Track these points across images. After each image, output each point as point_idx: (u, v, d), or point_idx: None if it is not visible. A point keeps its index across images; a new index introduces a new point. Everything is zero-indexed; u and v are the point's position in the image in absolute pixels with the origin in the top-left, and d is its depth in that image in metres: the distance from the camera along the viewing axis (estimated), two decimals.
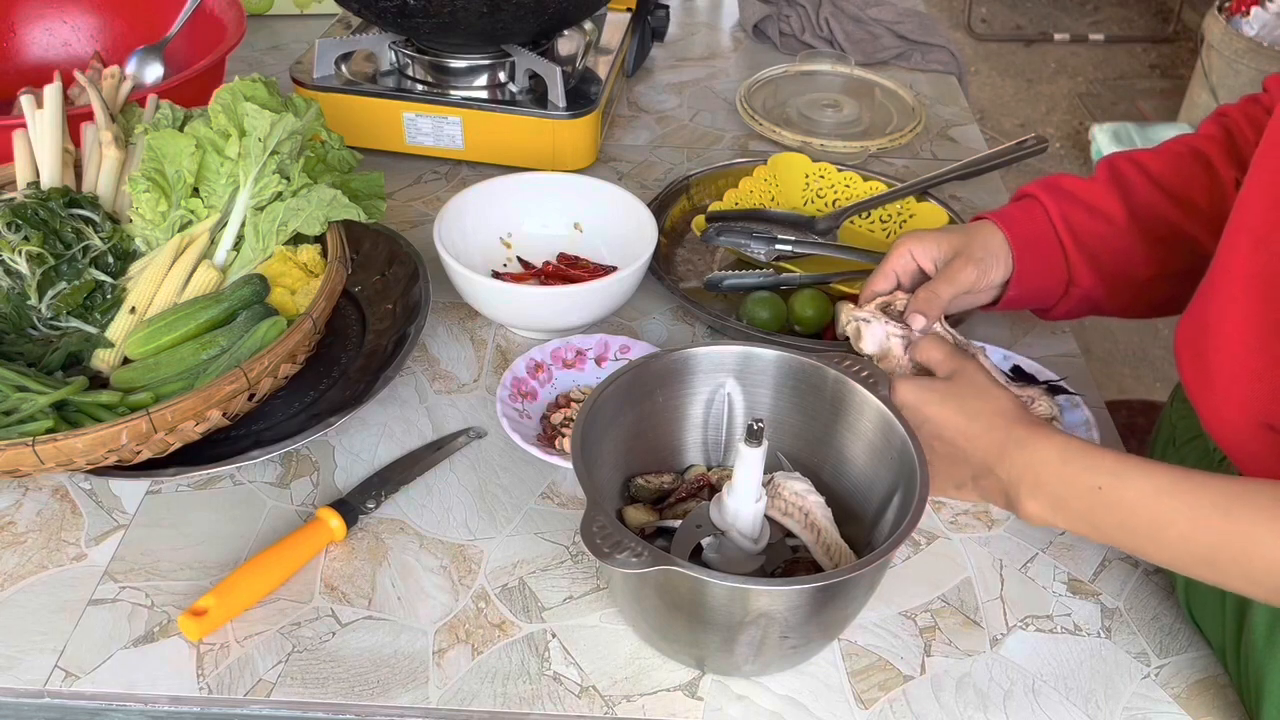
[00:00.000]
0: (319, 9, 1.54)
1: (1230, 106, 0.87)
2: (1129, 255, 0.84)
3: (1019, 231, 0.84)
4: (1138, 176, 0.85)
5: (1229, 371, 0.69)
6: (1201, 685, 0.72)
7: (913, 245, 0.84)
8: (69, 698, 0.68)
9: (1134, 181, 0.85)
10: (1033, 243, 0.84)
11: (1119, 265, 0.84)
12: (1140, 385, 2.41)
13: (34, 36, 1.26)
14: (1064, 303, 0.87)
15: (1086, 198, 0.85)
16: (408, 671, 0.70)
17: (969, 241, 0.83)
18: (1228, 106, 0.87)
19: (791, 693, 0.70)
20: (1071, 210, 0.84)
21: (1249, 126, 0.84)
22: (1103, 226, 0.84)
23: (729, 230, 1.02)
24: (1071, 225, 0.84)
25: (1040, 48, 3.90)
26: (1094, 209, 0.84)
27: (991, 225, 0.85)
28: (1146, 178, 0.85)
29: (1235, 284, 0.69)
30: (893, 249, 0.84)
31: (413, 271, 0.96)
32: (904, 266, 0.84)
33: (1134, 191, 0.84)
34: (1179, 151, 0.85)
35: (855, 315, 0.81)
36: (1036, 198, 0.86)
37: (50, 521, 0.79)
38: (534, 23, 1.11)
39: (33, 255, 0.83)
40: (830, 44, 1.48)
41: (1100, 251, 0.84)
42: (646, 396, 0.76)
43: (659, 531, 0.75)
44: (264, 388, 0.78)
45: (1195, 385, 0.74)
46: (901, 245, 0.84)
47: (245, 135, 0.84)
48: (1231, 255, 0.70)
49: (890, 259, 0.84)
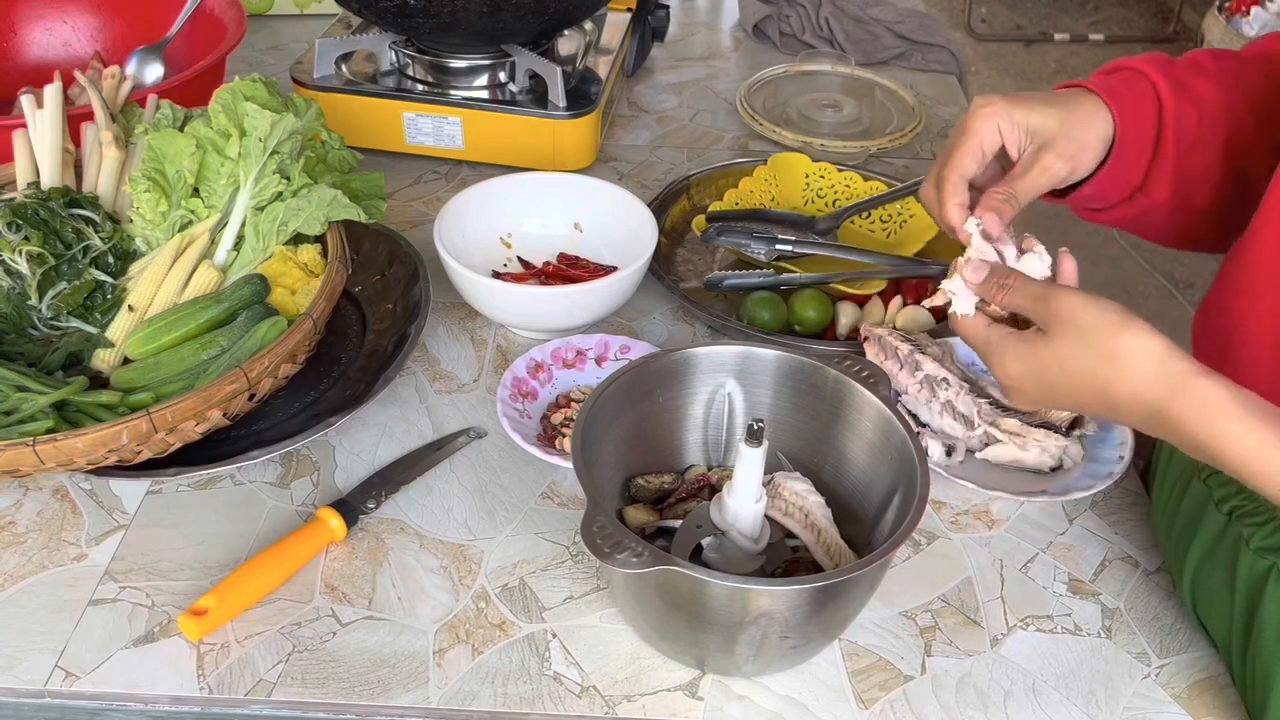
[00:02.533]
0: (319, 9, 1.54)
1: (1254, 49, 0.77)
2: (1209, 177, 0.73)
3: (1128, 121, 0.70)
4: (1235, 84, 0.73)
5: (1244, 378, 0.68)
6: (1202, 685, 0.72)
7: (1002, 120, 0.69)
8: (69, 698, 0.68)
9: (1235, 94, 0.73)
10: (1135, 137, 0.71)
11: (1196, 184, 0.73)
12: None
13: (34, 36, 1.26)
14: (1120, 209, 0.76)
15: (1202, 95, 0.72)
16: (408, 671, 0.70)
17: (1067, 125, 0.69)
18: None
19: (791, 693, 0.70)
20: (1186, 109, 0.71)
21: None
22: (1205, 136, 0.72)
23: (729, 230, 1.02)
24: (1181, 128, 0.71)
25: (1040, 48, 3.90)
26: (1204, 113, 0.71)
27: (1098, 105, 0.71)
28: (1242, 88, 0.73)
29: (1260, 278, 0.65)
30: (976, 116, 0.69)
31: (413, 271, 0.96)
32: (991, 143, 0.70)
33: (1234, 104, 0.72)
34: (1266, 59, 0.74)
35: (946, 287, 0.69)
36: (1152, 81, 0.72)
37: (50, 521, 0.79)
38: (534, 23, 1.11)
39: (33, 255, 0.83)
40: (830, 44, 1.48)
41: (1190, 163, 0.72)
42: (646, 396, 0.76)
43: (659, 531, 0.75)
44: (264, 388, 0.78)
45: None
46: (988, 115, 0.69)
47: (245, 135, 0.84)
48: (1260, 246, 0.66)
49: (974, 132, 0.69)
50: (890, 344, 0.88)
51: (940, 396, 0.85)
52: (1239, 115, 0.72)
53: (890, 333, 0.90)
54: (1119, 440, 0.84)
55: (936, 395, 0.85)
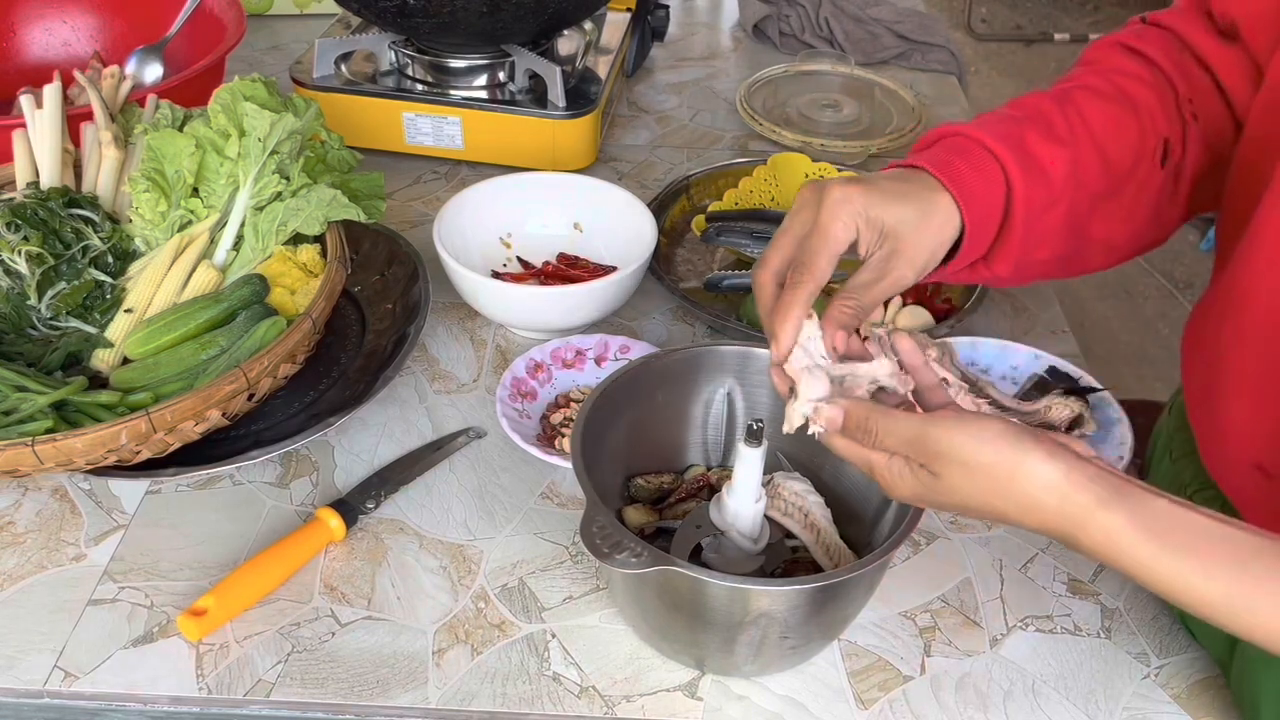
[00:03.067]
0: (319, 9, 1.54)
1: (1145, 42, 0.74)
2: (1049, 236, 0.70)
3: (976, 215, 0.66)
4: (1086, 139, 0.69)
5: (1231, 399, 0.67)
6: (1201, 685, 0.72)
7: (860, 219, 0.63)
8: (68, 698, 0.68)
9: (1085, 147, 0.69)
10: (981, 226, 0.67)
11: (1035, 246, 0.70)
12: (1141, 385, 2.41)
13: (34, 36, 1.26)
14: (958, 276, 0.72)
15: (1050, 170, 0.68)
16: (407, 671, 0.70)
17: (920, 232, 0.64)
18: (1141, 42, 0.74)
19: (791, 693, 0.70)
20: (1036, 190, 0.68)
21: (1179, 77, 0.72)
22: (1049, 205, 0.69)
23: (729, 230, 1.02)
24: (1029, 211, 0.68)
25: (1040, 48, 3.90)
26: (1050, 185, 0.68)
27: (949, 201, 0.65)
28: (1092, 141, 0.69)
29: (1247, 308, 0.64)
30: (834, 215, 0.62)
31: (412, 271, 0.96)
32: (847, 244, 0.63)
33: (1082, 161, 0.69)
34: (1115, 99, 0.71)
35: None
36: (1002, 164, 0.67)
37: (50, 521, 0.79)
38: (534, 23, 1.11)
39: (32, 255, 0.83)
40: (830, 44, 1.48)
41: (1031, 234, 0.69)
42: (646, 396, 0.76)
43: (659, 532, 0.75)
44: (263, 388, 0.78)
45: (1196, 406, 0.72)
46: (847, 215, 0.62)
47: (245, 135, 0.84)
48: (1250, 280, 0.64)
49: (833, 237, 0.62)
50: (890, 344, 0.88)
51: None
52: (1087, 168, 0.69)
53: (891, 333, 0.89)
54: (1119, 440, 0.84)
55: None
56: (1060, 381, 0.89)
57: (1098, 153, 0.70)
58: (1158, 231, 0.75)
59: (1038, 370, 0.90)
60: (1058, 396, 0.83)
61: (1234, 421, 0.66)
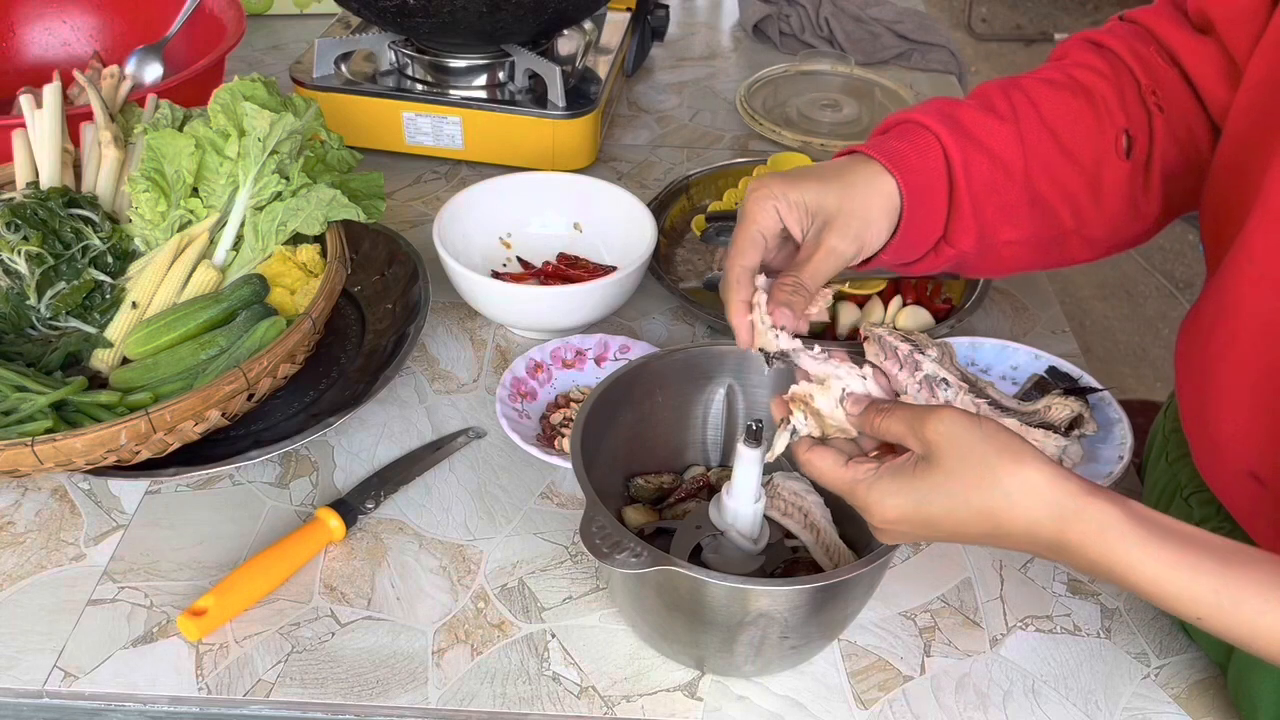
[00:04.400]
0: (319, 9, 1.54)
1: (1109, 36, 0.74)
2: (1012, 213, 0.70)
3: (913, 181, 0.66)
4: (1032, 116, 0.70)
5: (1224, 408, 0.67)
6: (1201, 685, 0.71)
7: (778, 201, 0.65)
8: (68, 698, 0.68)
9: (1030, 123, 0.70)
10: (925, 195, 0.67)
11: (998, 224, 0.70)
12: (1140, 384, 2.41)
13: (34, 36, 1.26)
14: (926, 261, 0.72)
15: (989, 141, 0.69)
16: (407, 672, 0.70)
17: (847, 201, 0.65)
18: (1106, 35, 0.74)
19: (791, 693, 0.70)
20: (975, 157, 0.68)
21: (1140, 68, 0.72)
22: (1000, 178, 0.69)
23: (729, 230, 1.02)
24: (971, 177, 0.68)
25: (1040, 47, 3.90)
26: (995, 157, 0.69)
27: (879, 170, 0.66)
28: (1040, 119, 0.70)
29: (1238, 319, 0.64)
30: (750, 200, 0.65)
31: (412, 271, 0.96)
32: (771, 228, 0.65)
33: (1029, 136, 0.70)
34: (1067, 86, 0.72)
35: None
36: (934, 133, 0.68)
37: (49, 522, 0.79)
38: (534, 22, 1.11)
39: (32, 255, 0.83)
40: (830, 44, 1.48)
41: (987, 208, 0.69)
42: (646, 396, 0.76)
43: (659, 532, 0.75)
44: (263, 388, 0.78)
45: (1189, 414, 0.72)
46: (762, 198, 0.65)
47: (244, 135, 0.84)
48: (1240, 289, 0.64)
49: (750, 218, 0.65)
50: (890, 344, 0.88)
51: (940, 397, 0.85)
52: (1037, 144, 0.70)
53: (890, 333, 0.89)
54: (1119, 440, 0.84)
55: (936, 395, 0.85)
56: (1060, 381, 0.89)
57: (1049, 134, 0.70)
58: (1136, 225, 0.74)
59: (1038, 370, 0.90)
60: (1058, 396, 0.83)
61: (1227, 430, 0.66)
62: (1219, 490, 0.70)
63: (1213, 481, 0.71)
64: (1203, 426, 0.70)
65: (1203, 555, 0.50)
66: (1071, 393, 0.86)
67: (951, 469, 0.55)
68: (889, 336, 0.89)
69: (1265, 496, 0.65)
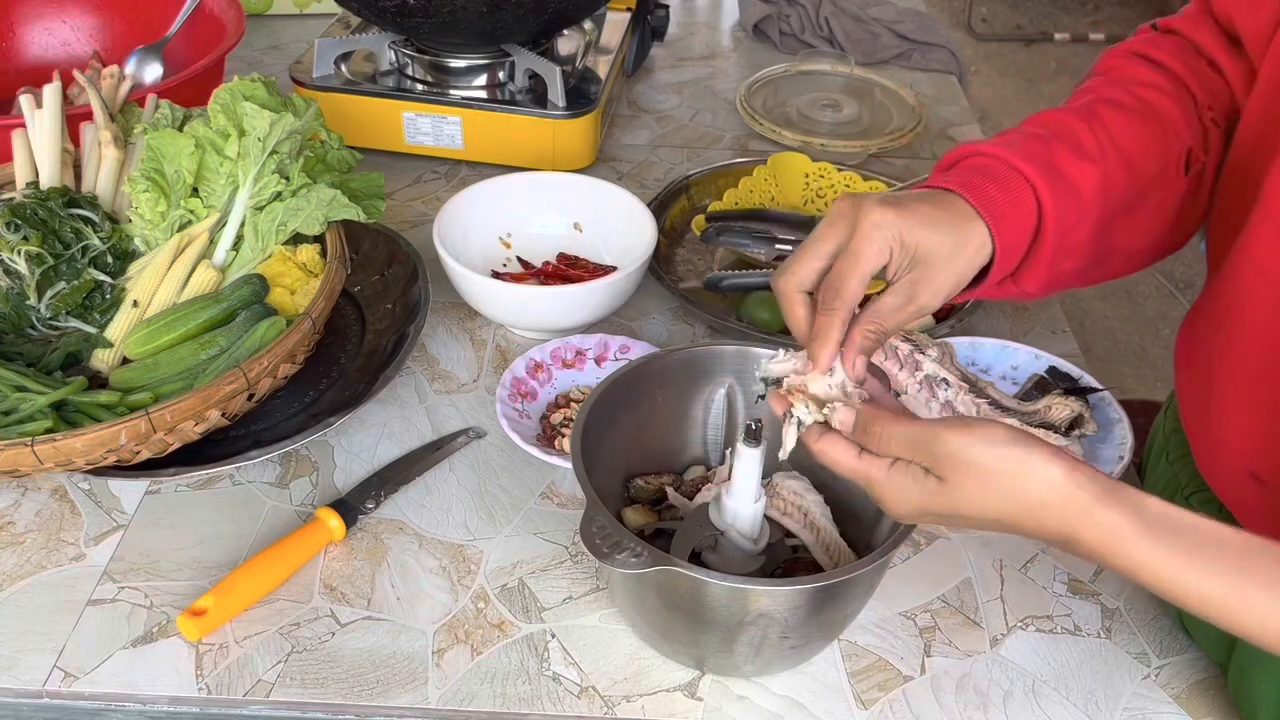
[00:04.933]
0: (319, 9, 1.54)
1: (1158, 50, 0.73)
2: (1077, 251, 0.69)
3: (1007, 239, 0.65)
4: (1113, 153, 0.69)
5: (1225, 408, 0.67)
6: (1201, 685, 0.71)
7: (894, 243, 0.61)
8: (68, 698, 0.68)
9: (1112, 160, 0.68)
10: (1013, 250, 0.66)
11: (1065, 262, 0.69)
12: (1141, 384, 2.41)
13: (34, 36, 1.26)
14: (987, 293, 0.70)
15: (1082, 188, 0.67)
16: (407, 672, 0.70)
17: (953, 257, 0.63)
18: (1154, 50, 0.74)
19: (791, 693, 0.70)
20: (1067, 207, 0.67)
21: (1196, 84, 0.72)
22: (1079, 220, 0.68)
23: (729, 230, 1.02)
24: (1061, 231, 0.67)
25: (1041, 47, 3.90)
26: (1082, 200, 0.67)
27: (975, 221, 0.64)
28: (1119, 154, 0.69)
29: (1239, 319, 0.64)
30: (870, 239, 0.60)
31: (412, 271, 0.96)
32: (881, 263, 0.62)
33: (1111, 175, 0.68)
34: (1137, 110, 0.71)
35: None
36: (1031, 184, 0.66)
37: (49, 522, 0.79)
38: (534, 22, 1.11)
39: (32, 255, 0.83)
40: (830, 43, 1.48)
41: (1060, 253, 0.68)
42: (646, 396, 0.76)
43: (659, 532, 0.75)
44: (263, 388, 0.78)
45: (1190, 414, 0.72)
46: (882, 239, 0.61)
47: (244, 135, 0.84)
48: (1240, 289, 0.63)
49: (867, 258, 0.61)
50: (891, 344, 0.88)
51: (940, 397, 0.85)
52: (1116, 182, 0.69)
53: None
54: (1119, 440, 0.84)
55: (936, 395, 0.85)
56: (1060, 381, 0.89)
57: (1125, 167, 0.69)
58: (1177, 237, 0.74)
59: (1038, 370, 0.90)
60: (1058, 396, 0.83)
61: (1228, 430, 0.66)
62: (1220, 490, 0.70)
63: (1213, 481, 0.71)
64: (1203, 426, 0.70)
65: (1215, 557, 0.50)
66: (1071, 393, 0.86)
67: (966, 491, 0.55)
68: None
69: (1266, 496, 0.65)
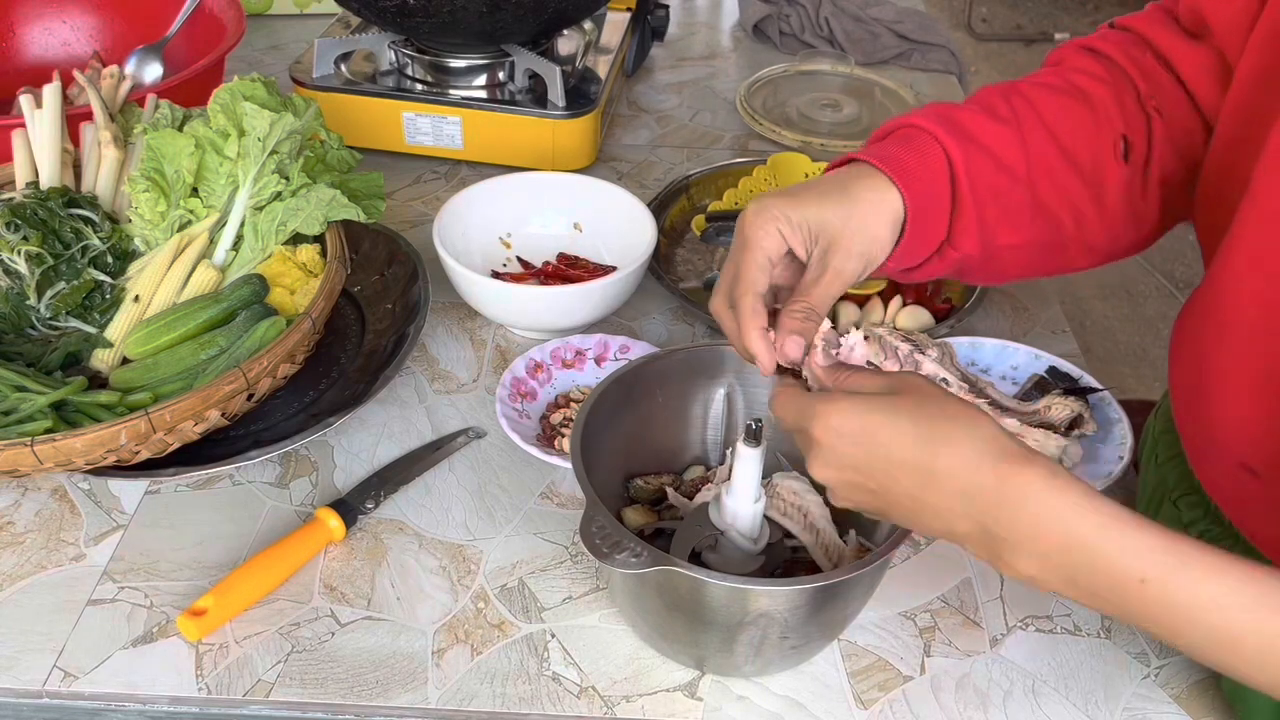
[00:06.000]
0: (319, 9, 1.54)
1: (1105, 42, 0.74)
2: (1014, 217, 0.69)
3: (917, 188, 0.65)
4: (1033, 119, 0.70)
5: (1218, 400, 0.67)
6: (1201, 685, 0.71)
7: (781, 224, 0.63)
8: (68, 698, 0.68)
9: (1031, 126, 0.69)
10: (928, 201, 0.66)
11: (1000, 227, 0.69)
12: (1140, 384, 2.41)
13: (33, 36, 1.26)
14: (930, 266, 0.71)
15: (991, 144, 0.68)
16: (407, 672, 0.70)
17: (853, 220, 0.64)
18: (1101, 42, 0.75)
19: (791, 693, 0.70)
20: (977, 159, 0.67)
21: (1138, 75, 0.72)
22: (1003, 180, 0.68)
23: (728, 230, 1.02)
24: (975, 182, 0.67)
25: (1041, 47, 3.90)
26: (997, 159, 0.68)
27: (881, 179, 0.65)
28: (1041, 123, 0.70)
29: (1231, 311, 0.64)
30: (753, 225, 0.63)
31: (412, 271, 0.96)
32: (776, 250, 0.64)
33: (1031, 139, 0.69)
34: (1066, 90, 0.72)
35: None
36: (935, 136, 0.67)
37: (49, 522, 0.79)
38: (534, 22, 1.11)
39: (31, 255, 0.83)
40: (830, 43, 1.48)
41: (990, 210, 0.68)
42: (646, 396, 0.76)
43: (658, 532, 0.75)
44: (263, 388, 0.78)
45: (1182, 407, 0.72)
46: (766, 221, 0.63)
47: (244, 135, 0.84)
48: (1232, 281, 0.64)
49: (756, 244, 0.63)
50: (890, 344, 0.88)
51: None
52: (1038, 148, 0.69)
53: (890, 332, 0.89)
54: (1119, 440, 0.84)
55: None
56: (1060, 381, 0.89)
57: (1050, 137, 0.70)
58: (1136, 233, 0.74)
59: (1038, 370, 0.90)
60: (1058, 396, 0.83)
61: (1220, 422, 0.66)
62: (1210, 485, 0.70)
63: (1204, 476, 0.71)
64: (1196, 419, 0.70)
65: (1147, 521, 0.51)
66: (1071, 393, 0.86)
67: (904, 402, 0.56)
68: (889, 336, 0.89)
69: (1257, 488, 0.65)
